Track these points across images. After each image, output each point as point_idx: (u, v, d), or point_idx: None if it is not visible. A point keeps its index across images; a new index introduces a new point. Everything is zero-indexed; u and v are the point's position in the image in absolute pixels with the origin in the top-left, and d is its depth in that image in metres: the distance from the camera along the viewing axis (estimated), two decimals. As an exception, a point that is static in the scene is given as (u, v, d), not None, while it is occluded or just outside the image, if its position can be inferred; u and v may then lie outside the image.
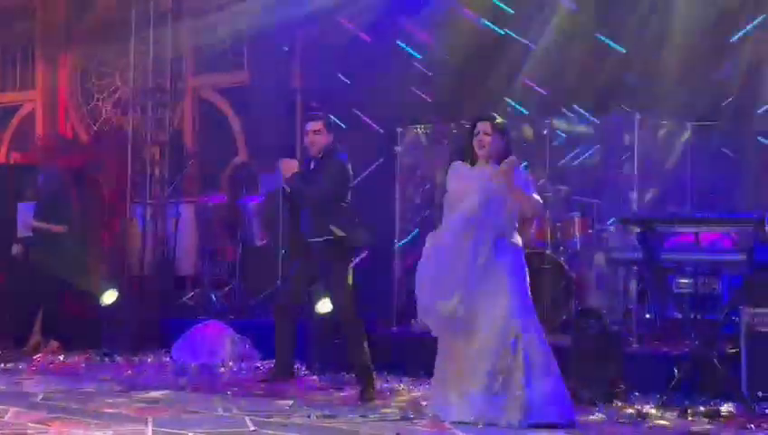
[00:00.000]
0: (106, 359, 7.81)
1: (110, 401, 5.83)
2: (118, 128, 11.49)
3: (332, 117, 6.43)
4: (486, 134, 5.38)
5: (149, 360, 7.79)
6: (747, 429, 5.17)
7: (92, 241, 9.38)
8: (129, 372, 7.22)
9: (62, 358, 7.85)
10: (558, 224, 7.75)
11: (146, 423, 5.04)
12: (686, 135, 7.92)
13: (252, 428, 5.01)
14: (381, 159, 8.74)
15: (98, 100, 11.89)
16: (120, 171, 10.68)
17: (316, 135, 6.23)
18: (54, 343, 8.20)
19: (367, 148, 8.84)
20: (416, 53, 9.27)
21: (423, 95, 9.09)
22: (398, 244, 8.35)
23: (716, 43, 7.94)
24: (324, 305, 7.02)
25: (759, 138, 7.71)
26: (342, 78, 9.46)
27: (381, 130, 8.89)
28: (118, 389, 6.35)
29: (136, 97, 10.96)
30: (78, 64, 12.01)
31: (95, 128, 11.83)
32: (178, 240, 9.29)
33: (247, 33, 10.37)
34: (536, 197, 5.40)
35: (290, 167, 6.17)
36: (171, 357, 7.78)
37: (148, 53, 10.83)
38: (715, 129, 7.82)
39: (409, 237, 8.35)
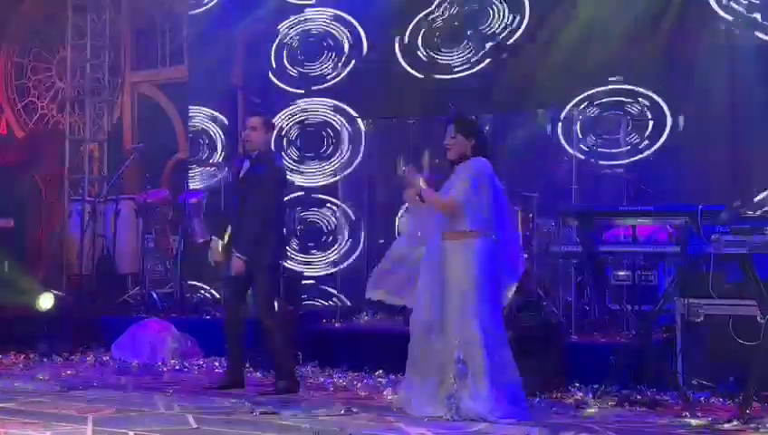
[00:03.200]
0: (45, 358, 7.68)
1: (50, 400, 5.74)
2: (55, 124, 11.30)
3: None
4: (451, 137, 5.40)
5: (89, 359, 7.68)
6: (683, 416, 5.29)
7: (29, 241, 9.23)
8: (69, 371, 7.11)
9: (-2, 358, 7.72)
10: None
11: (86, 422, 4.98)
12: (624, 129, 8.07)
13: (194, 425, 4.97)
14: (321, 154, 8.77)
15: (34, 96, 11.67)
16: (58, 169, 10.52)
17: (252, 132, 6.27)
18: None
19: (309, 142, 8.86)
20: (357, 48, 9.32)
21: (365, 90, 9.14)
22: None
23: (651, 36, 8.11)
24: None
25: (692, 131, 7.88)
26: (283, 73, 9.49)
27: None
28: (57, 388, 6.24)
29: (73, 93, 10.81)
30: (12, 60, 11.77)
31: (31, 125, 11.61)
32: (118, 238, 9.16)
33: (187, 27, 10.30)
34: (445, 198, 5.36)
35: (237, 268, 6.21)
36: (112, 356, 7.68)
37: (84, 48, 10.69)
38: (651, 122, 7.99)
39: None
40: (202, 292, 9.19)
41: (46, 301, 8.16)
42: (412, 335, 5.37)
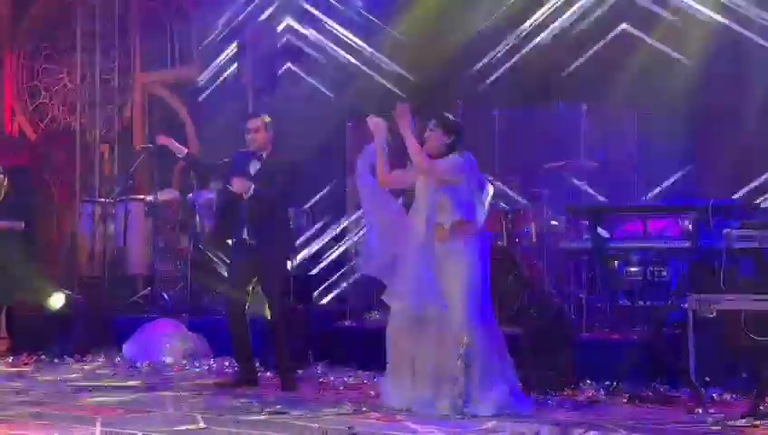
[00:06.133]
0: (55, 359, 7.69)
1: (59, 401, 5.74)
2: (66, 126, 11.34)
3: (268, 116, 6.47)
4: (430, 130, 5.39)
5: (100, 360, 7.69)
6: (695, 413, 5.26)
7: (41, 242, 9.25)
8: (80, 372, 7.11)
9: (10, 359, 7.72)
10: (510, 215, 7.78)
11: (95, 423, 4.97)
12: (634, 124, 8.02)
13: (203, 425, 4.96)
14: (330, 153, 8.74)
15: (45, 98, 11.71)
16: (69, 170, 10.55)
17: (256, 134, 6.32)
18: (3, 344, 8.07)
19: (317, 141, 8.84)
20: (366, 46, 9.30)
21: (373, 88, 9.12)
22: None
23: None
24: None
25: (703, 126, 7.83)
26: (292, 73, 9.48)
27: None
28: (67, 390, 6.25)
29: (83, 94, 10.83)
30: (23, 62, 11.81)
31: (42, 126, 11.65)
32: (129, 238, 9.17)
33: (196, 27, 10.31)
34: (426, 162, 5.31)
35: (243, 186, 6.20)
36: (123, 356, 7.68)
37: (94, 49, 10.72)
38: (662, 117, 7.93)
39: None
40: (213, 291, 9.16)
41: (57, 300, 8.18)
42: (398, 328, 5.34)
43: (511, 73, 8.57)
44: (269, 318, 6.29)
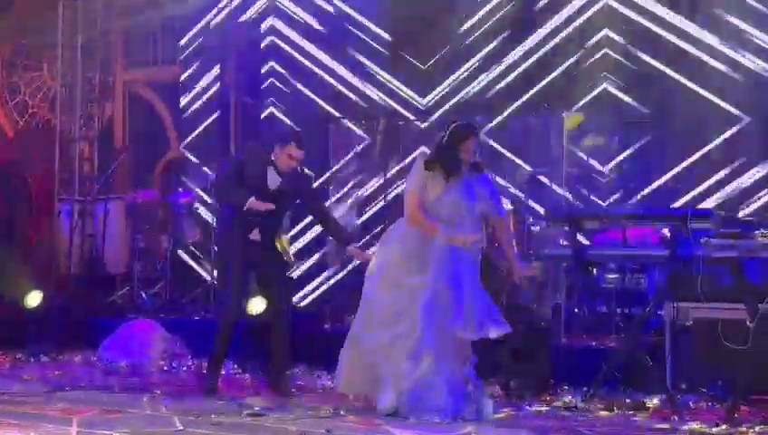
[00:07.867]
0: (32, 359, 7.63)
1: (35, 401, 5.70)
2: (45, 123, 11.27)
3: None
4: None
5: (77, 360, 7.65)
6: (671, 420, 5.29)
7: (19, 240, 9.19)
8: (57, 372, 7.07)
9: (-15, 359, 7.69)
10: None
11: (71, 423, 4.95)
12: (617, 132, 8.07)
13: (180, 427, 4.94)
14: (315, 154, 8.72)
15: (25, 94, 11.63)
16: (48, 168, 10.48)
17: (298, 163, 6.17)
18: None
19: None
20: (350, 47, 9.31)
21: (357, 89, 9.13)
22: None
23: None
24: (257, 305, 6.96)
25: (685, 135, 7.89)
26: (276, 73, 9.47)
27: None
28: (43, 389, 6.20)
29: (64, 91, 10.77)
30: (4, 58, 11.73)
31: (22, 123, 11.57)
32: (108, 237, 9.13)
33: (179, 27, 10.28)
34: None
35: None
36: (100, 356, 7.63)
37: (76, 46, 10.66)
38: (643, 127, 7.99)
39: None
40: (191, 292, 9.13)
41: (34, 299, 8.12)
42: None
43: (493, 81, 8.61)
44: (269, 318, 6.29)
